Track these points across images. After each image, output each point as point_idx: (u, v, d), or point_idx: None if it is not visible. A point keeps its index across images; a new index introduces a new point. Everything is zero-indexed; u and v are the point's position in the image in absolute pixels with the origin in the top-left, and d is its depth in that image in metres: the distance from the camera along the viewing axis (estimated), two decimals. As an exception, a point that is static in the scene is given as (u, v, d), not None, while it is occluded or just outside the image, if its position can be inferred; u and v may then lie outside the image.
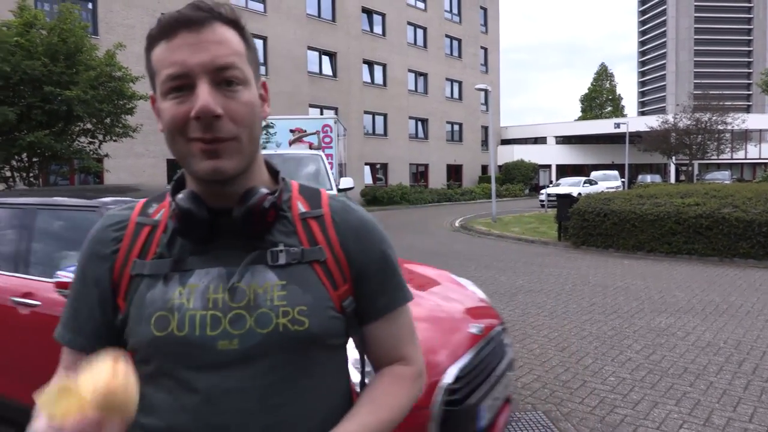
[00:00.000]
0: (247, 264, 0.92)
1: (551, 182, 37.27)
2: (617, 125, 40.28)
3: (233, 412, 0.88)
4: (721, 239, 10.13)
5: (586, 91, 70.47)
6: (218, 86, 0.86)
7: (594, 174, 34.11)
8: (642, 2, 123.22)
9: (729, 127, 33.78)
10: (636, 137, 37.68)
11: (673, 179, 44.22)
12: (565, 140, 48.79)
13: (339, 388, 1.00)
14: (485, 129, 42.57)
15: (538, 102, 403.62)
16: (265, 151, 11.92)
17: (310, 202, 1.01)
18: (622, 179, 34.86)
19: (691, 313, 6.43)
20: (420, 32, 37.13)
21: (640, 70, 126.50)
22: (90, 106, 11.62)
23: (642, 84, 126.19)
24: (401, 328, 1.05)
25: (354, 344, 1.05)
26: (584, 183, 28.83)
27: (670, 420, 3.66)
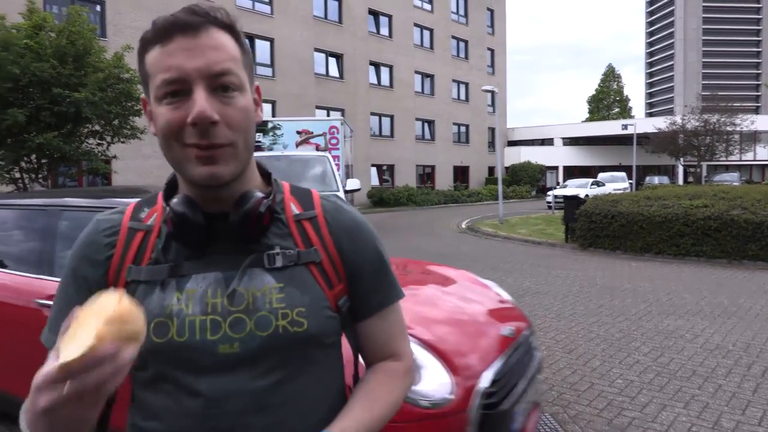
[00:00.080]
0: (245, 268, 0.93)
1: (558, 184, 37.16)
2: (625, 126, 40.13)
3: (235, 413, 0.89)
4: (729, 241, 10.07)
5: (594, 93, 70.41)
6: (214, 92, 0.86)
7: (601, 175, 33.94)
8: (650, 3, 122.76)
9: (738, 129, 33.56)
10: (644, 138, 37.52)
11: (681, 181, 44.01)
12: (572, 142, 48.65)
13: (334, 385, 1.01)
14: (492, 130, 42.48)
15: (545, 103, 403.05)
16: (271, 152, 11.96)
17: (302, 203, 1.02)
18: (630, 181, 34.68)
19: (700, 315, 6.39)
20: (426, 34, 37.12)
21: (647, 71, 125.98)
22: (98, 107, 11.70)
23: (650, 85, 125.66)
24: (393, 324, 1.07)
25: (348, 341, 1.06)
26: (591, 184, 28.72)
27: (678, 423, 3.63)
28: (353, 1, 31.61)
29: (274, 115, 26.08)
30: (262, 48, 26.98)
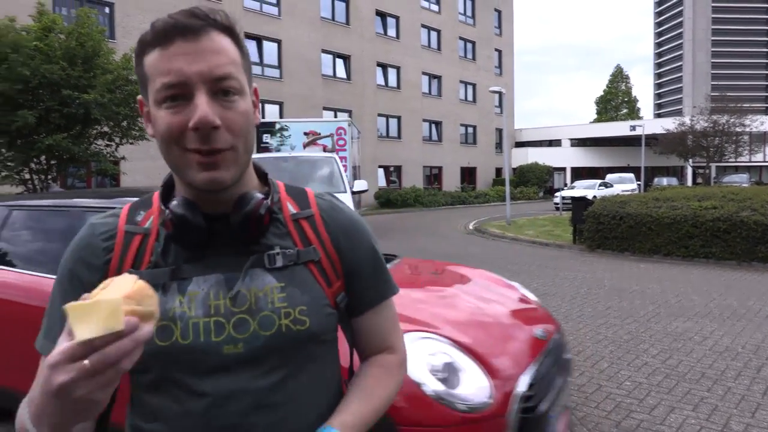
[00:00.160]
0: (247, 269, 0.93)
1: (566, 185, 37.03)
2: (633, 127, 39.95)
3: (239, 413, 0.90)
4: (739, 243, 10.00)
5: (602, 93, 70.17)
6: (215, 96, 0.86)
7: (609, 177, 33.79)
8: (658, 3, 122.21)
9: (747, 129, 33.35)
10: (652, 139, 37.35)
11: (690, 182, 43.76)
12: (580, 143, 48.48)
13: (332, 380, 1.03)
14: (499, 131, 42.43)
15: (552, 104, 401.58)
16: (279, 153, 11.99)
17: (298, 203, 1.03)
18: (638, 182, 34.54)
19: (709, 317, 6.35)
20: (434, 35, 37.12)
21: (656, 71, 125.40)
22: (107, 109, 11.77)
23: (658, 86, 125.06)
24: (388, 319, 1.10)
25: (344, 336, 1.09)
26: (599, 186, 28.57)
27: (687, 425, 3.61)
28: (361, 2, 31.66)
29: (281, 117, 26.16)
30: (269, 49, 27.06)
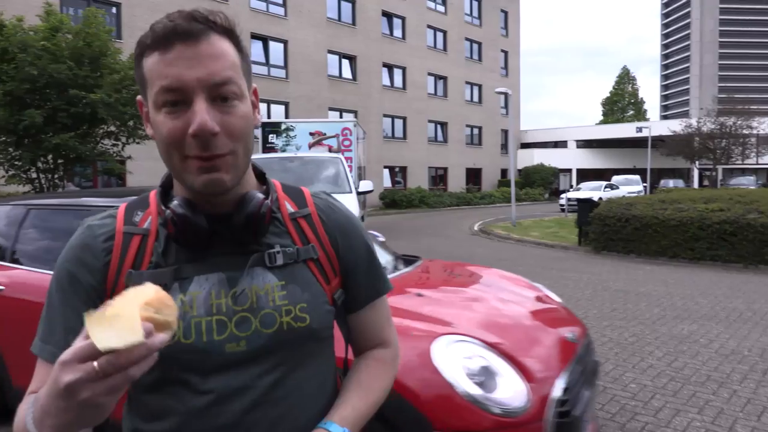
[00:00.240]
0: (249, 267, 0.94)
1: (572, 186, 36.97)
2: (639, 129, 39.80)
3: (241, 410, 0.91)
4: (745, 245, 9.95)
5: (608, 95, 69.89)
6: (214, 101, 0.86)
7: (615, 178, 33.70)
8: (665, 4, 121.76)
9: (754, 131, 33.18)
10: (658, 141, 37.18)
11: (696, 184, 43.57)
12: (586, 144, 48.34)
13: (330, 375, 1.05)
14: (505, 132, 42.37)
15: (558, 106, 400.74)
16: (285, 153, 12.01)
17: (296, 201, 1.05)
18: (644, 184, 34.41)
19: (715, 320, 6.32)
20: (440, 35, 37.09)
21: (663, 73, 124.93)
22: (114, 109, 11.82)
23: (665, 87, 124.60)
24: (383, 314, 1.13)
25: (340, 331, 1.11)
26: (605, 187, 28.49)
27: (692, 428, 3.60)
28: (367, 2, 31.68)
29: (287, 117, 26.20)
30: (275, 50, 27.11)
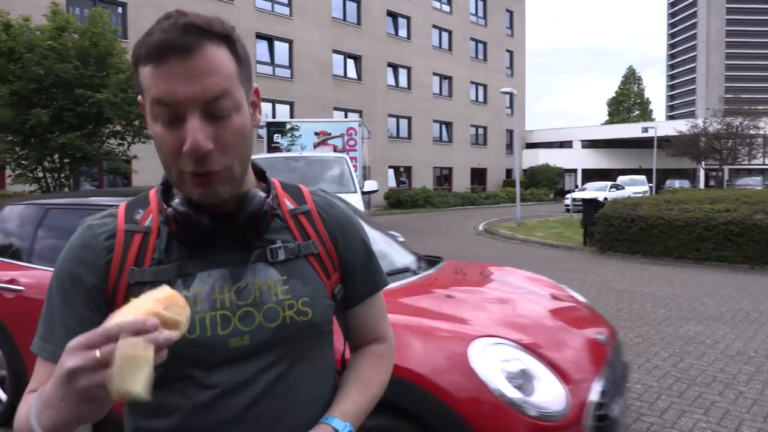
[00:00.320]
0: (252, 263, 0.96)
1: (577, 186, 36.86)
2: (645, 129, 39.69)
3: (245, 404, 0.92)
4: (752, 246, 9.90)
5: (614, 95, 69.65)
6: (208, 116, 0.85)
7: (621, 179, 33.60)
8: (672, 4, 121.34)
9: (761, 132, 33.03)
10: (664, 141, 37.06)
11: (702, 184, 43.38)
12: (591, 144, 48.19)
13: (330, 369, 1.07)
14: (510, 132, 42.29)
15: (564, 106, 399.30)
16: (289, 153, 12.03)
17: (295, 199, 1.06)
18: (650, 184, 34.29)
19: (721, 321, 6.30)
20: (445, 35, 37.08)
21: (669, 73, 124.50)
22: (119, 108, 11.86)
23: (671, 88, 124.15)
24: (379, 309, 1.15)
25: (339, 326, 1.12)
26: (611, 188, 28.41)
27: (697, 429, 3.58)
28: (372, 2, 31.70)
29: (292, 116, 26.24)
30: (280, 49, 27.16)
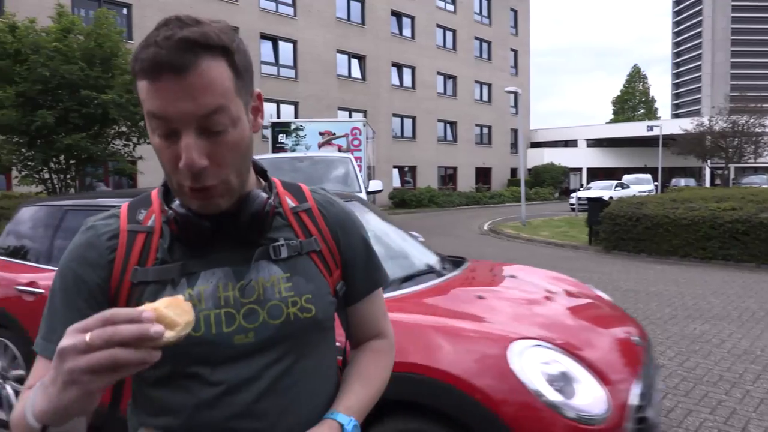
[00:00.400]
0: (255, 260, 0.97)
1: (582, 186, 36.78)
2: (650, 128, 39.46)
3: (250, 401, 0.92)
4: (758, 245, 9.86)
5: (619, 94, 69.42)
6: (203, 133, 0.84)
7: (626, 177, 33.51)
8: (677, 2, 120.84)
9: (767, 130, 32.85)
10: (670, 140, 36.92)
11: (708, 183, 43.21)
12: (596, 143, 48.06)
13: (332, 364, 1.08)
14: (515, 132, 42.23)
15: (568, 106, 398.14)
16: (294, 153, 12.04)
17: (296, 197, 1.07)
18: (655, 183, 34.18)
19: (727, 320, 6.27)
20: (449, 35, 37.04)
21: (674, 71, 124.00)
22: (125, 109, 11.89)
23: (676, 86, 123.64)
24: (380, 306, 1.16)
25: (340, 323, 1.14)
26: (616, 186, 28.33)
27: (704, 429, 3.57)
28: (376, 2, 31.70)
29: (296, 117, 26.27)
30: (285, 50, 27.20)
